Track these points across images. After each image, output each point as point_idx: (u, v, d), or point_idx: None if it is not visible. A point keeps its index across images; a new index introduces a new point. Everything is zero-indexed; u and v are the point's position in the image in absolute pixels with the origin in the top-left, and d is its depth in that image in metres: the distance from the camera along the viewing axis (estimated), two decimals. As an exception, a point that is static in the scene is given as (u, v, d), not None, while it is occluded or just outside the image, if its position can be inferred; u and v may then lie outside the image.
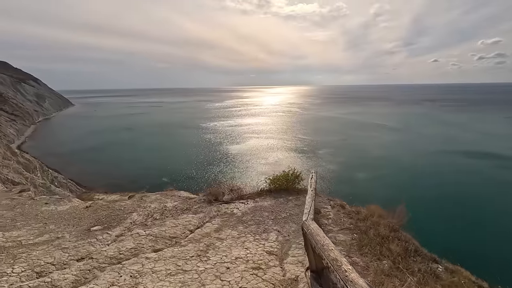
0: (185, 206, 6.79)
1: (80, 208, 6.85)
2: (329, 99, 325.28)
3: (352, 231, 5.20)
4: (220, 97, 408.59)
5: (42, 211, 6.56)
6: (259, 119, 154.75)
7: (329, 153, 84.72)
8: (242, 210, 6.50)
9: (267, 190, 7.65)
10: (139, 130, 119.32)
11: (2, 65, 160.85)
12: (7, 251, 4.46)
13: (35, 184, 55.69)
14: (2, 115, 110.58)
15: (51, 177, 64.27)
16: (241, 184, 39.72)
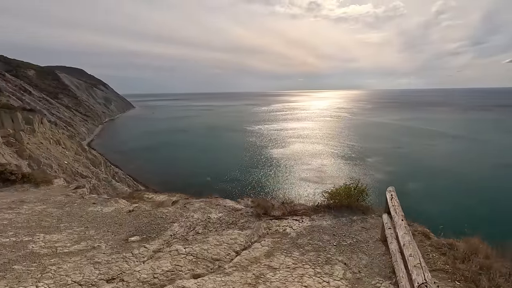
0: (231, 219, 5.93)
1: (124, 212, 6.44)
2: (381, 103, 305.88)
3: (451, 276, 3.76)
4: (267, 101, 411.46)
5: (88, 212, 6.27)
6: (305, 123, 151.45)
7: (379, 161, 78.64)
8: (297, 230, 5.40)
9: (325, 205, 6.43)
10: (191, 132, 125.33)
11: (79, 72, 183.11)
12: (39, 261, 4.04)
13: (99, 177, 61.06)
14: (77, 116, 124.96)
15: (112, 172, 70.08)
16: (293, 195, 38.73)
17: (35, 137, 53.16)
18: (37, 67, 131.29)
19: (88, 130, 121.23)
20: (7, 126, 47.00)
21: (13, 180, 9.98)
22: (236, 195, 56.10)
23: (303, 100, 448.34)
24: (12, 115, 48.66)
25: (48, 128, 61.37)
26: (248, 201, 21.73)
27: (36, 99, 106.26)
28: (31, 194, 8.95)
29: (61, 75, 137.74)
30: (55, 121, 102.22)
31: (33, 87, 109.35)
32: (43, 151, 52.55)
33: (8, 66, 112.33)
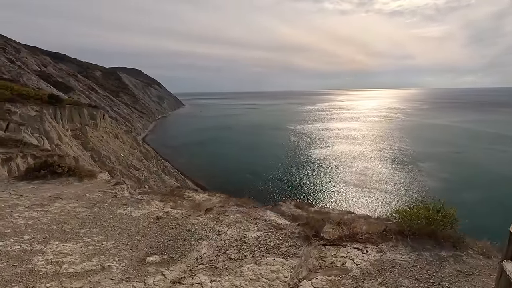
0: (272, 241, 4.68)
1: (151, 218, 5.62)
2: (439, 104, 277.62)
3: None
4: (312, 100, 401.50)
5: (115, 215, 5.57)
6: (352, 124, 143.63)
7: (434, 167, 70.64)
8: (361, 265, 3.93)
9: (396, 231, 4.80)
10: (236, 129, 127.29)
11: (137, 72, 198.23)
12: (36, 281, 3.26)
13: (150, 170, 64.34)
14: (134, 112, 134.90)
15: (162, 166, 73.62)
16: (338, 200, 35.82)
17: (97, 131, 57.85)
18: (103, 68, 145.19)
19: (143, 126, 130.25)
20: (75, 121, 51.63)
21: (60, 173, 10.04)
22: (277, 195, 54.89)
23: (350, 100, 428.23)
24: (80, 111, 53.35)
25: (109, 123, 66.57)
26: (291, 204, 20.11)
27: (101, 97, 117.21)
28: (71, 189, 8.75)
29: (122, 75, 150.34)
30: (115, 117, 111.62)
31: (98, 86, 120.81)
32: (104, 144, 56.97)
33: (80, 67, 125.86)
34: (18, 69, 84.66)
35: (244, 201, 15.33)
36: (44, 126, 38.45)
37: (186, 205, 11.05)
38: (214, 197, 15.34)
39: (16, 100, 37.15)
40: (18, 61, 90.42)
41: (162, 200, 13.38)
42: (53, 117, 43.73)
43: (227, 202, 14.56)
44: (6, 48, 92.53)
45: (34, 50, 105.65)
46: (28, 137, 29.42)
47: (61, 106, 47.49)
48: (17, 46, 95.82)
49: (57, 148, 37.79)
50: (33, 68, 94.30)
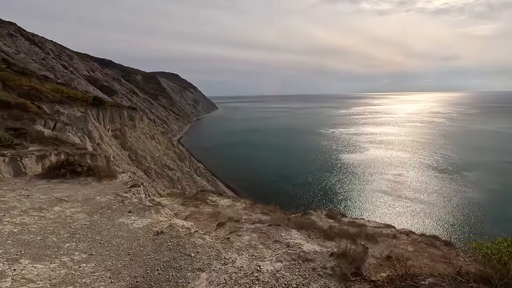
0: (295, 279, 3.40)
1: (152, 232, 4.62)
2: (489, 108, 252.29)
3: None
4: (347, 104, 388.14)
5: (114, 225, 4.71)
6: (390, 128, 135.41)
7: (481, 177, 63.29)
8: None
9: (477, 275, 3.24)
10: (266, 132, 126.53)
11: (174, 77, 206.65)
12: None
13: (183, 171, 65.49)
14: (171, 115, 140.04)
15: (195, 167, 74.76)
16: (372, 211, 32.59)
17: (135, 131, 60.21)
18: (143, 72, 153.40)
19: (179, 127, 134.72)
20: (116, 122, 54.09)
21: (79, 172, 9.65)
22: (308, 201, 52.59)
23: (388, 103, 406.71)
24: (120, 112, 55.82)
25: (146, 125, 69.20)
26: (322, 214, 18.35)
27: (141, 100, 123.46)
28: (85, 189, 8.20)
29: (161, 80, 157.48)
30: (154, 119, 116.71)
31: (139, 89, 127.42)
32: (140, 144, 59.10)
33: (123, 72, 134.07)
34: (70, 74, 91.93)
35: (270, 209, 14.09)
36: (87, 126, 40.40)
37: (205, 212, 10.10)
38: (238, 202, 14.30)
39: (65, 102, 39.42)
40: (70, 67, 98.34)
41: (184, 204, 12.67)
42: (96, 118, 45.96)
43: (252, 209, 13.44)
44: (61, 55, 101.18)
45: (84, 57, 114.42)
46: (71, 136, 30.78)
47: (103, 108, 49.83)
48: (70, 54, 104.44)
49: (98, 147, 39.52)
50: (83, 73, 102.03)
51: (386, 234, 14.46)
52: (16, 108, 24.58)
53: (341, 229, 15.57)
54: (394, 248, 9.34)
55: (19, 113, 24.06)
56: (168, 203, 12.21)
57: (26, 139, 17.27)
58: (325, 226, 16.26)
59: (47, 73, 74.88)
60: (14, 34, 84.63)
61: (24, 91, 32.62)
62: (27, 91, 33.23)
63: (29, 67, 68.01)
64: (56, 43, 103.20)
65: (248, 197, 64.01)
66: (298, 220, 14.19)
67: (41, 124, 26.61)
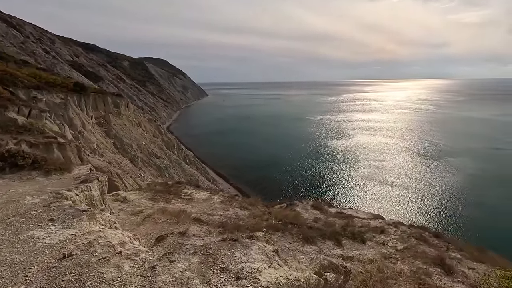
0: None
1: (60, 253, 3.33)
2: (477, 95, 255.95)
3: None
4: (337, 91, 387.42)
5: (16, 241, 3.45)
6: (378, 115, 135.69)
7: (466, 163, 64.03)
8: None
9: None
10: (256, 120, 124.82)
11: (162, 62, 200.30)
12: None
13: (171, 159, 63.74)
14: (159, 102, 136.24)
15: (184, 155, 72.96)
16: (360, 199, 31.61)
17: (120, 119, 57.75)
18: (130, 58, 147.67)
19: (168, 115, 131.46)
20: (99, 109, 51.54)
21: (22, 166, 8.19)
22: (296, 187, 51.94)
23: (377, 90, 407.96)
24: (104, 99, 53.16)
25: (132, 112, 66.56)
26: (308, 205, 17.30)
27: (128, 86, 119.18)
28: (19, 187, 6.81)
29: (148, 66, 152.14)
30: (141, 106, 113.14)
31: (126, 76, 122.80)
32: (126, 132, 56.83)
33: (109, 58, 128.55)
34: (53, 59, 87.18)
35: (250, 202, 12.95)
36: (68, 113, 38.10)
37: (171, 210, 8.83)
38: (216, 195, 13.08)
39: (43, 87, 36.94)
40: (52, 51, 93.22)
41: (153, 198, 11.40)
42: (77, 104, 43.53)
43: (229, 203, 12.28)
44: (42, 39, 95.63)
45: (67, 41, 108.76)
46: (49, 124, 28.65)
47: (86, 94, 47.27)
48: (51, 37, 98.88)
49: (79, 135, 37.44)
50: (66, 58, 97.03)
51: (374, 227, 13.58)
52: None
53: (327, 221, 14.61)
54: (383, 248, 8.40)
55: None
56: (135, 197, 10.89)
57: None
58: (310, 218, 15.32)
59: (27, 58, 70.53)
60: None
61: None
62: (0, 75, 30.69)
63: (7, 51, 63.72)
64: (36, 26, 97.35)
65: (238, 185, 62.67)
66: (280, 213, 13.15)
67: (14, 111, 24.39)
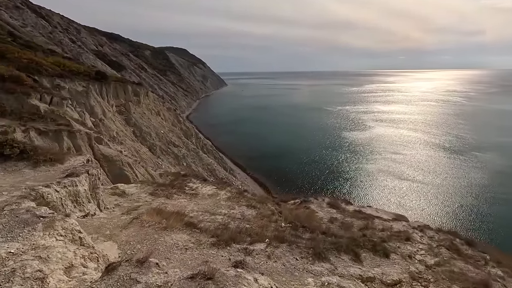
0: None
1: None
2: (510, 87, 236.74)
3: None
4: (359, 81, 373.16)
5: None
6: (402, 107, 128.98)
7: (496, 159, 59.00)
8: None
9: None
10: (274, 110, 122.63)
11: (182, 52, 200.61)
12: None
13: (188, 148, 63.84)
14: (179, 91, 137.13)
15: (201, 144, 72.94)
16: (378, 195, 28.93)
17: (140, 107, 58.16)
18: (152, 48, 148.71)
19: (187, 104, 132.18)
20: (120, 97, 51.99)
21: (8, 156, 7.48)
22: (313, 180, 50.22)
23: (402, 81, 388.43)
24: (124, 87, 53.52)
25: (152, 100, 66.93)
26: (324, 202, 15.74)
27: (150, 76, 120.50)
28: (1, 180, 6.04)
29: (169, 55, 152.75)
30: (162, 95, 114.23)
31: (148, 65, 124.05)
32: (145, 120, 57.26)
33: (132, 47, 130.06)
34: (78, 49, 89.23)
35: (259, 200, 11.69)
36: (89, 101, 38.45)
37: (168, 209, 7.83)
38: (223, 191, 11.93)
39: (66, 75, 37.38)
40: (78, 41, 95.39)
41: (154, 193, 10.49)
42: (98, 93, 43.92)
43: (236, 200, 11.11)
44: (69, 29, 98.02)
45: (92, 31, 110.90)
46: (70, 111, 28.81)
47: (107, 83, 47.66)
48: (78, 27, 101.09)
49: (100, 123, 37.75)
50: (91, 48, 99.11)
51: (398, 232, 12.00)
52: (10, 81, 22.56)
53: (344, 222, 13.15)
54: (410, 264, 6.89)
55: (13, 86, 22.03)
56: (135, 191, 10.06)
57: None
58: (325, 217, 13.93)
59: (55, 47, 72.28)
60: (21, 6, 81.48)
61: (23, 64, 30.51)
62: (26, 64, 31.10)
63: (36, 40, 65.52)
64: (63, 16, 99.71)
65: (255, 175, 61.79)
66: (291, 213, 11.89)
67: (36, 98, 24.52)
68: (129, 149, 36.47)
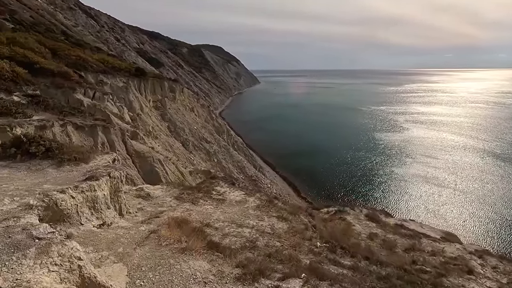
0: None
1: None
2: None
3: None
4: (399, 80, 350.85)
5: None
6: (446, 109, 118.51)
7: None
8: None
9: None
10: (305, 108, 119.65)
11: (218, 49, 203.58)
12: None
13: (220, 144, 64.17)
14: (213, 88, 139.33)
15: (233, 141, 73.16)
16: (417, 206, 25.65)
17: (175, 103, 59.49)
18: (189, 45, 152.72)
19: (221, 101, 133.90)
20: (157, 93, 53.54)
21: (34, 153, 7.18)
22: (342, 183, 47.51)
23: (447, 81, 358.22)
24: (161, 83, 55.02)
25: (186, 97, 68.24)
26: (362, 214, 14.00)
27: (186, 72, 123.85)
28: (12, 182, 5.64)
29: (205, 52, 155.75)
30: (197, 91, 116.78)
31: (184, 62, 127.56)
32: (180, 116, 58.45)
33: (170, 45, 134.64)
34: (122, 46, 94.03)
35: (291, 211, 10.50)
36: (128, 97, 39.68)
37: (193, 219, 7.02)
38: (252, 197, 10.93)
39: (109, 72, 38.93)
40: (122, 39, 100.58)
41: (179, 197, 9.85)
42: (137, 88, 45.29)
43: (266, 210, 10.03)
44: (114, 28, 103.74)
45: (135, 30, 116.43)
46: (110, 106, 29.84)
47: (145, 79, 49.09)
48: (122, 26, 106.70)
49: (137, 117, 38.86)
50: (133, 46, 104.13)
51: (453, 259, 10.11)
52: (59, 77, 23.74)
53: (386, 240, 11.46)
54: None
55: (61, 82, 23.15)
56: (160, 194, 9.48)
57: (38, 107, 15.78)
58: (364, 232, 12.34)
59: (101, 45, 76.60)
60: (73, 7, 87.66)
61: (71, 60, 32.16)
62: (74, 60, 32.76)
63: (85, 39, 69.87)
64: (110, 16, 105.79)
65: (284, 174, 60.39)
66: (327, 227, 10.57)
67: (81, 93, 25.59)
68: (163, 143, 37.16)
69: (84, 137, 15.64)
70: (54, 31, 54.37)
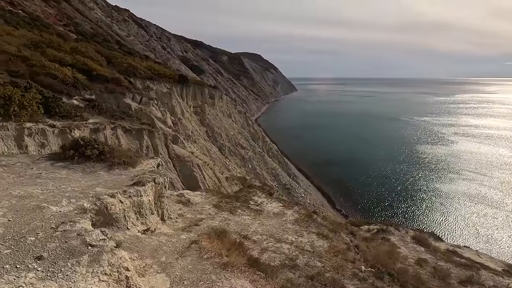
0: None
1: None
2: None
3: None
4: (449, 90, 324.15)
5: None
6: (503, 122, 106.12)
7: None
8: None
9: None
10: (344, 117, 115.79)
11: (256, 57, 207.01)
12: None
13: (255, 151, 64.56)
14: (251, 95, 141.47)
15: (267, 148, 73.18)
16: (471, 233, 22.58)
17: (214, 109, 61.36)
18: (229, 53, 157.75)
19: (257, 108, 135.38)
20: (197, 99, 55.75)
21: (89, 156, 7.68)
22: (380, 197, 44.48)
23: (506, 91, 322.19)
24: (202, 90, 57.23)
25: (225, 103, 70.07)
26: (408, 236, 12.89)
27: (225, 79, 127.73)
28: (69, 183, 6.04)
29: (244, 60, 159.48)
30: (235, 98, 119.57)
31: (224, 69, 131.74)
32: (217, 121, 60.09)
33: (211, 53, 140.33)
34: (167, 55, 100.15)
35: (332, 228, 9.91)
36: (171, 102, 41.82)
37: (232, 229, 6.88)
38: (290, 210, 10.53)
39: (155, 78, 41.46)
40: (168, 48, 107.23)
41: (217, 205, 9.86)
42: (179, 94, 47.52)
43: (305, 225, 9.55)
44: (162, 37, 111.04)
45: (179, 39, 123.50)
46: (154, 110, 31.62)
47: (187, 85, 51.32)
48: (168, 36, 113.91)
49: (179, 122, 40.71)
50: (178, 54, 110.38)
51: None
52: (112, 83, 25.90)
53: (437, 269, 10.29)
54: None
55: (113, 87, 25.19)
56: (200, 201, 9.57)
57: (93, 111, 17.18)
58: (411, 257, 11.20)
59: (149, 53, 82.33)
60: (127, 19, 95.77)
61: (123, 68, 34.86)
62: (125, 68, 35.48)
63: (136, 48, 75.75)
64: (158, 27, 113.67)
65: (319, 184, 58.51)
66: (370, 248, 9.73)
67: (129, 97, 27.59)
68: (201, 148, 38.30)
69: (131, 140, 16.62)
70: (110, 41, 59.69)
